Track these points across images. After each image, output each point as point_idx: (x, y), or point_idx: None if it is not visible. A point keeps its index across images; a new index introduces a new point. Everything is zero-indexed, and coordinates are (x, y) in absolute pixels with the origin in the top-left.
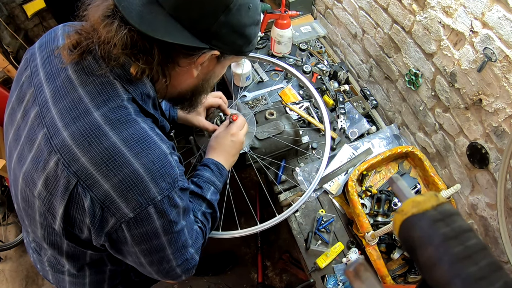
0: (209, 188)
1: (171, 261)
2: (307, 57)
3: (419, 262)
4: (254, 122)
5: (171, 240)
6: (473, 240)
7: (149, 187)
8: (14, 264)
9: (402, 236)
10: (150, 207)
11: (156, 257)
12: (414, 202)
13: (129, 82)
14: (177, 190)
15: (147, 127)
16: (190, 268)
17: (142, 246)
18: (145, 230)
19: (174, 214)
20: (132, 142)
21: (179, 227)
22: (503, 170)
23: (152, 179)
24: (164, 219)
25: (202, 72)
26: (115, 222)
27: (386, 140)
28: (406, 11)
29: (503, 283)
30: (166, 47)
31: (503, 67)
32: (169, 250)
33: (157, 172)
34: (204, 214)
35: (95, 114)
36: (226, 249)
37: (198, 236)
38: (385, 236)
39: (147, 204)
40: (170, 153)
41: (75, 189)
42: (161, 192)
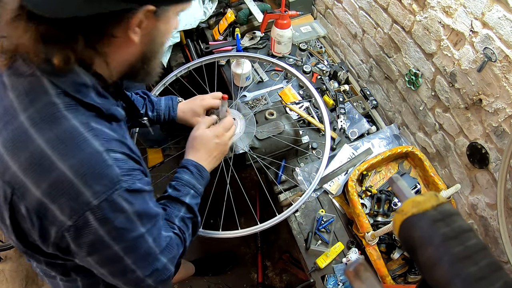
0: (188, 191)
1: (135, 272)
2: (307, 57)
3: (419, 262)
4: (254, 122)
5: (127, 249)
6: (473, 240)
7: (81, 191)
8: (14, 264)
9: (402, 236)
10: (87, 214)
11: (116, 268)
12: (414, 202)
13: (56, 76)
14: (121, 193)
15: (79, 122)
16: (164, 279)
17: (94, 256)
18: (90, 239)
19: (121, 220)
20: (58, 143)
21: (134, 235)
22: (503, 170)
23: (83, 183)
24: (108, 227)
25: (144, 35)
26: (57, 231)
27: (386, 140)
28: (406, 11)
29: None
30: (87, 23)
31: (503, 67)
32: (128, 260)
33: (88, 174)
34: (183, 220)
35: (22, 118)
36: (226, 249)
37: (172, 244)
38: (385, 236)
39: (82, 210)
40: (107, 150)
41: (12, 200)
42: (97, 196)
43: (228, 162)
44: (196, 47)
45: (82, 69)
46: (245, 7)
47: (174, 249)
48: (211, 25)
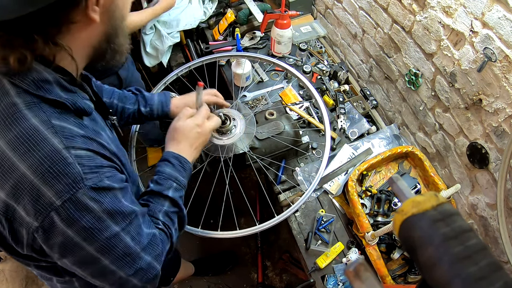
0: (171, 184)
1: (116, 273)
2: (307, 57)
3: (419, 262)
4: (254, 122)
5: (102, 249)
6: (473, 240)
7: (42, 191)
8: (14, 264)
9: (402, 236)
10: (52, 214)
11: (95, 269)
12: (414, 202)
13: (15, 76)
14: (86, 191)
15: (38, 121)
16: (151, 278)
17: (69, 258)
18: (60, 240)
19: (88, 219)
20: (18, 144)
21: (107, 234)
22: (503, 170)
23: (43, 182)
24: (76, 227)
25: (102, 12)
26: (27, 232)
27: (386, 140)
28: (406, 11)
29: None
30: (39, 18)
31: (503, 67)
32: (106, 261)
33: (47, 173)
34: (167, 214)
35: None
36: (226, 249)
37: (155, 241)
38: (385, 236)
39: (46, 211)
40: (67, 147)
41: None
42: (59, 196)
43: (228, 163)
44: (196, 47)
45: (42, 65)
46: (245, 7)
47: (158, 246)
48: (211, 25)
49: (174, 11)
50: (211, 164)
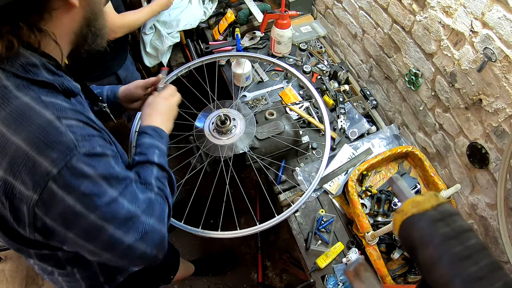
0: (154, 152)
1: (123, 240)
2: (307, 57)
3: (419, 262)
4: (254, 122)
5: (104, 215)
6: (473, 240)
7: (39, 161)
8: (14, 264)
9: (402, 236)
10: (50, 183)
11: (102, 241)
12: (414, 202)
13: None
14: (80, 157)
15: (29, 98)
16: (157, 242)
17: (73, 230)
18: (61, 210)
19: (86, 185)
20: (10, 120)
21: (107, 199)
22: (503, 170)
23: (38, 152)
24: (75, 194)
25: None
26: (27, 208)
27: (386, 140)
28: (406, 11)
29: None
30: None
31: (503, 67)
32: (110, 228)
33: (42, 143)
34: (158, 179)
35: None
36: (226, 249)
37: (153, 204)
38: (385, 236)
39: (44, 180)
40: (58, 117)
41: None
42: (55, 164)
43: (228, 163)
44: (196, 47)
45: (28, 51)
46: (245, 7)
47: (157, 208)
48: (211, 25)
49: (174, 11)
50: (211, 164)
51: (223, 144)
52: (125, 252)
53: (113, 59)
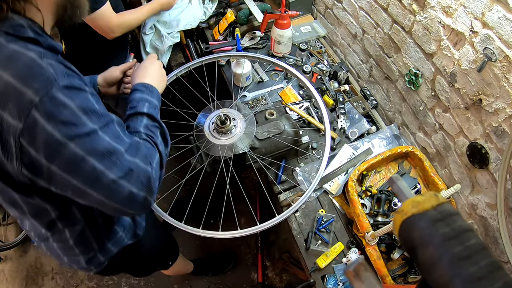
0: (144, 104)
1: (106, 174)
2: (307, 57)
3: (419, 262)
4: (254, 122)
5: (84, 145)
6: (473, 240)
7: (23, 91)
8: (14, 264)
9: (402, 236)
10: (32, 111)
11: (84, 173)
12: (414, 202)
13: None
14: (59, 88)
15: (18, 46)
16: (144, 182)
17: (56, 162)
18: (43, 139)
19: (65, 114)
20: (1, 63)
21: (86, 129)
22: (503, 170)
23: (23, 83)
24: (55, 121)
25: None
26: (14, 139)
27: (386, 140)
28: (406, 11)
29: (503, 283)
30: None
31: (503, 67)
32: (90, 160)
33: (26, 76)
34: (147, 127)
35: None
36: (226, 249)
37: (139, 145)
38: (385, 236)
39: (27, 108)
40: (40, 56)
41: None
42: (37, 93)
43: (228, 162)
44: (196, 47)
45: (16, 15)
46: (245, 7)
47: (143, 150)
48: (211, 25)
49: (174, 11)
50: (211, 164)
51: (223, 144)
52: (111, 189)
53: (113, 58)
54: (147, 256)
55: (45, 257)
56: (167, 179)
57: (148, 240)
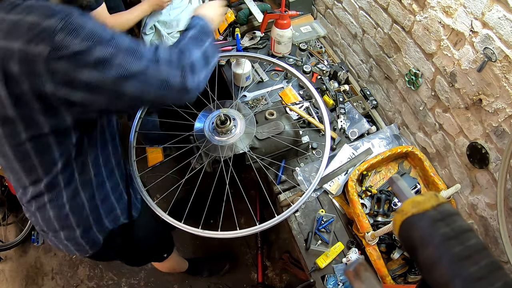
0: (197, 23)
1: (140, 57)
2: (307, 57)
3: (419, 262)
4: (254, 122)
5: (109, 44)
6: (473, 240)
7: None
8: (14, 264)
9: (402, 236)
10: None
11: (115, 70)
12: (414, 202)
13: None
14: (77, 15)
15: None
16: (181, 60)
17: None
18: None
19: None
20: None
21: (107, 35)
22: (503, 170)
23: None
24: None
25: None
26: (43, 64)
27: (386, 140)
28: (406, 11)
29: (503, 283)
30: None
31: (503, 67)
32: (119, 55)
33: (48, 12)
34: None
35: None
36: (226, 249)
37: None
38: (385, 236)
39: (53, 33)
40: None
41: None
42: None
43: (228, 162)
44: None
45: None
46: (245, 7)
47: (165, 53)
48: None
49: (174, 11)
50: (211, 164)
51: (223, 144)
52: (149, 74)
53: None
54: (142, 242)
55: (45, 257)
56: (166, 179)
57: (144, 226)
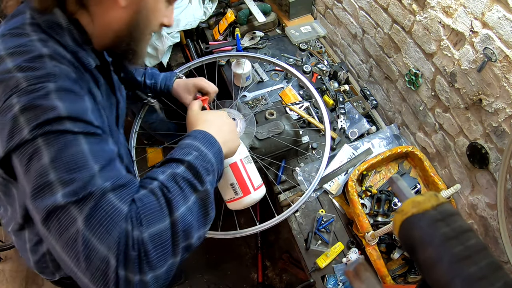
0: (189, 152)
1: (55, 189)
2: (307, 57)
3: (419, 262)
4: (254, 122)
5: (49, 144)
6: (473, 240)
7: (16, 77)
8: (14, 264)
9: (402, 236)
10: (13, 96)
11: (35, 179)
12: (414, 202)
13: (37, 12)
14: (51, 85)
15: (37, 38)
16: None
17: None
18: (10, 127)
19: (45, 108)
20: (12, 47)
21: (62, 126)
22: (503, 170)
23: (19, 70)
24: (30, 113)
25: (131, 2)
26: None
27: (386, 140)
28: (406, 11)
29: (503, 283)
30: None
31: (503, 67)
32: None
33: (26, 66)
34: (173, 177)
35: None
36: (226, 249)
37: (130, 182)
38: (385, 236)
39: (9, 91)
40: (51, 56)
41: None
42: (27, 79)
43: None
44: (196, 47)
45: (62, 13)
46: (245, 7)
47: (130, 188)
48: (211, 25)
49: (174, 11)
50: None
51: None
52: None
53: None
54: None
55: None
56: None
57: None
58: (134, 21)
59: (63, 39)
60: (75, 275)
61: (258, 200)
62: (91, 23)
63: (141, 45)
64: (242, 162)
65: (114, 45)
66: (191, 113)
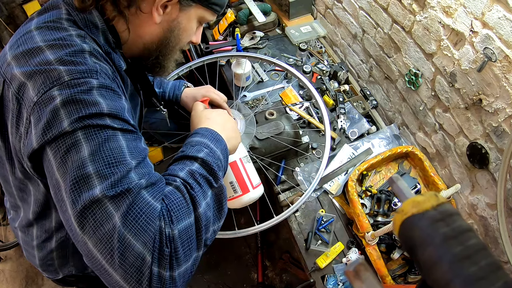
0: (201, 149)
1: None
2: (307, 57)
3: (419, 262)
4: (254, 123)
5: (89, 136)
6: (473, 240)
7: (58, 70)
8: (14, 264)
9: (402, 236)
10: (54, 90)
11: (72, 171)
12: (414, 202)
13: (74, 9)
14: (95, 82)
15: (76, 35)
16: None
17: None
18: (47, 118)
19: (88, 103)
20: (52, 40)
21: (101, 122)
22: (503, 170)
23: (61, 63)
24: (72, 107)
25: (166, 20)
26: (26, 115)
27: (386, 140)
28: (406, 11)
29: (503, 283)
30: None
31: (503, 67)
32: (86, 151)
33: (68, 60)
34: (192, 174)
35: (32, 25)
36: (225, 249)
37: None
38: (385, 236)
39: (51, 84)
40: (91, 53)
41: (3, 90)
42: (70, 74)
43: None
44: (196, 47)
45: (99, 14)
46: (245, 7)
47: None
48: (211, 25)
49: None
50: None
51: None
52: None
53: None
54: None
55: None
56: None
57: None
58: (166, 38)
59: (98, 38)
60: (105, 272)
61: (256, 199)
62: (126, 31)
63: (169, 60)
64: (241, 161)
65: (143, 56)
66: (195, 113)
